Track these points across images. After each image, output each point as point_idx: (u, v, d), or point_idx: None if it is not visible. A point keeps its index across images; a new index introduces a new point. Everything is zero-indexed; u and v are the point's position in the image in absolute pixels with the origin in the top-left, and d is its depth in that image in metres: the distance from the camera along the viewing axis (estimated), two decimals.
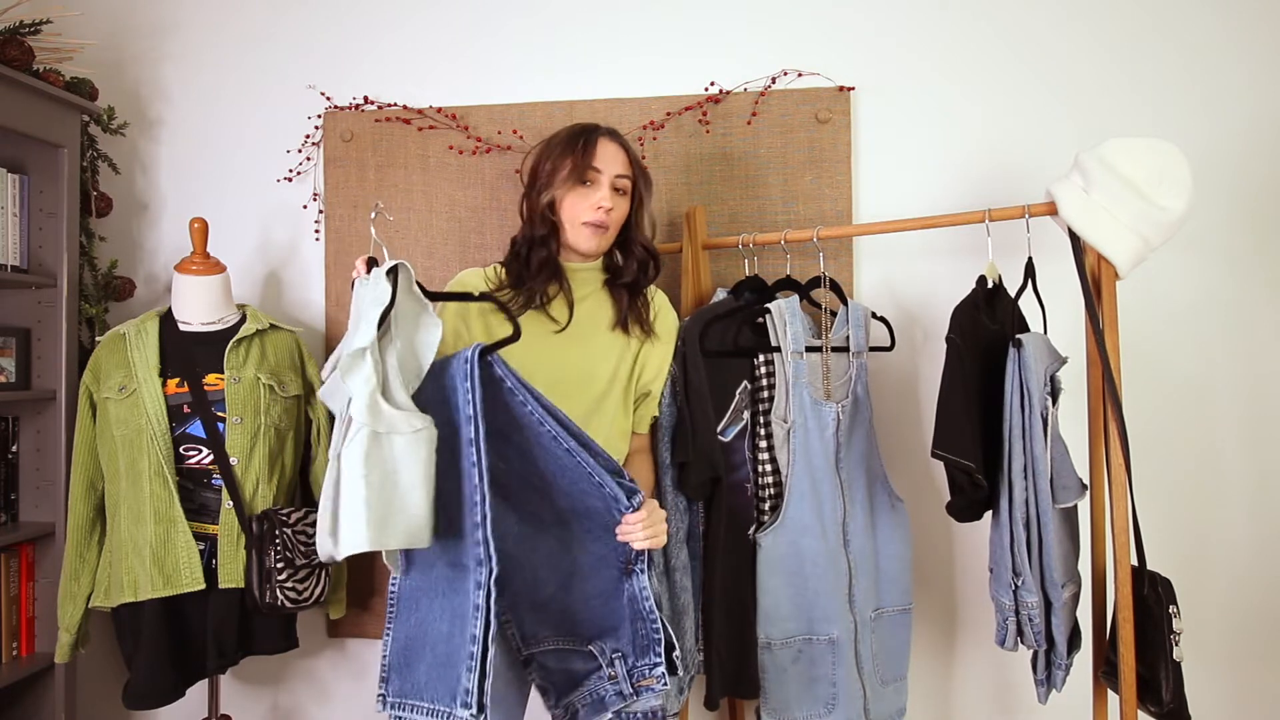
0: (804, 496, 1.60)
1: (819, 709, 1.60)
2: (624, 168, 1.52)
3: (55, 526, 1.90)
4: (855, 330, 1.72)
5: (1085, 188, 1.48)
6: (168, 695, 1.70)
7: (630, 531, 1.30)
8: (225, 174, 2.16)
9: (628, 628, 1.34)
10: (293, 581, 1.70)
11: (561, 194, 1.50)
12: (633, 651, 1.33)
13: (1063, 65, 1.94)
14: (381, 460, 1.19)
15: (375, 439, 1.18)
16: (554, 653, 1.38)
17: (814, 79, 1.99)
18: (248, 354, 1.80)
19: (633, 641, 1.33)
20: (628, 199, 1.54)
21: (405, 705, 1.29)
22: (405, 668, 1.31)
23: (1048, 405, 1.47)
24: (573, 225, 1.51)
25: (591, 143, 1.50)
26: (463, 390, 1.23)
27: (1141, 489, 1.66)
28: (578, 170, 1.49)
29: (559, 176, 1.50)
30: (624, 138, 1.57)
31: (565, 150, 1.51)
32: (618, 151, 1.52)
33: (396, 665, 1.32)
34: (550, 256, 1.52)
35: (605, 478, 1.29)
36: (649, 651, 1.32)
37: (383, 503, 1.18)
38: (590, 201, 1.49)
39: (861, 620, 1.65)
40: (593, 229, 1.50)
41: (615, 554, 1.34)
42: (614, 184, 1.51)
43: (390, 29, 2.12)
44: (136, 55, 2.19)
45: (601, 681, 1.34)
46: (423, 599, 1.32)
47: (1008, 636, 1.51)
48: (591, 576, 1.36)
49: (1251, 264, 1.90)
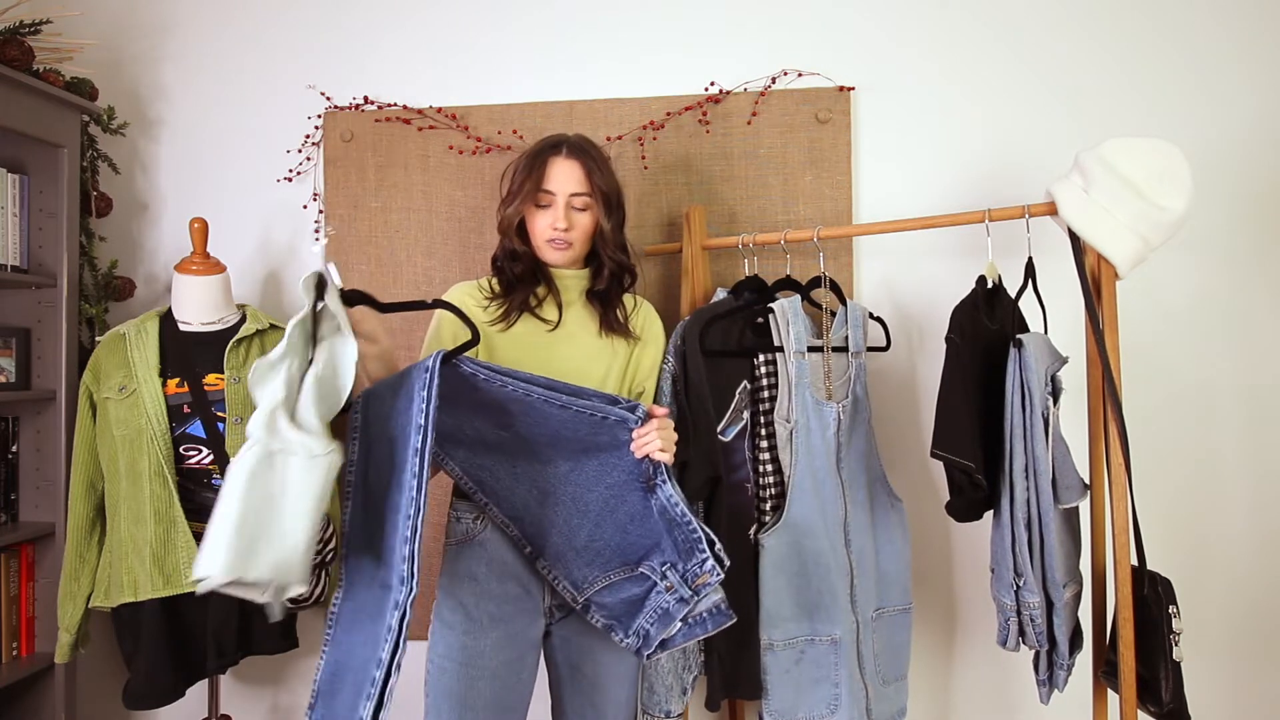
0: (807, 497, 1.60)
1: (822, 709, 1.60)
2: (580, 185, 1.52)
3: (55, 526, 1.90)
4: (854, 330, 1.72)
5: (1085, 187, 1.48)
6: (168, 695, 1.70)
7: (645, 442, 1.33)
8: (225, 174, 2.16)
9: (667, 539, 1.37)
10: None
11: (525, 212, 1.55)
12: (679, 558, 1.36)
13: (1063, 65, 1.94)
14: (267, 482, 1.09)
15: (267, 458, 1.09)
16: (608, 588, 1.42)
17: (814, 79, 1.99)
18: (248, 354, 1.80)
19: (676, 549, 1.36)
20: (590, 213, 1.55)
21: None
22: (330, 695, 1.24)
23: (1049, 405, 1.47)
24: (539, 242, 1.55)
25: (544, 163, 1.53)
26: (418, 400, 1.18)
27: (1141, 489, 1.66)
28: (532, 193, 1.53)
29: (520, 196, 1.54)
30: (588, 154, 1.54)
31: (525, 170, 1.55)
32: (573, 169, 1.53)
33: (324, 692, 1.25)
34: (528, 267, 1.56)
35: (606, 409, 1.31)
36: (694, 552, 1.34)
37: (256, 528, 1.07)
38: (548, 221, 1.53)
39: (863, 620, 1.65)
40: (552, 246, 1.54)
41: (634, 478, 1.37)
42: (570, 203, 1.53)
43: (390, 29, 2.12)
44: (136, 55, 2.19)
45: (661, 595, 1.37)
46: (355, 623, 1.26)
47: (1009, 637, 1.51)
48: (619, 506, 1.40)
49: (1251, 264, 1.90)
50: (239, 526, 1.05)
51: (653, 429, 1.33)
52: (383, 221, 2.09)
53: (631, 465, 1.37)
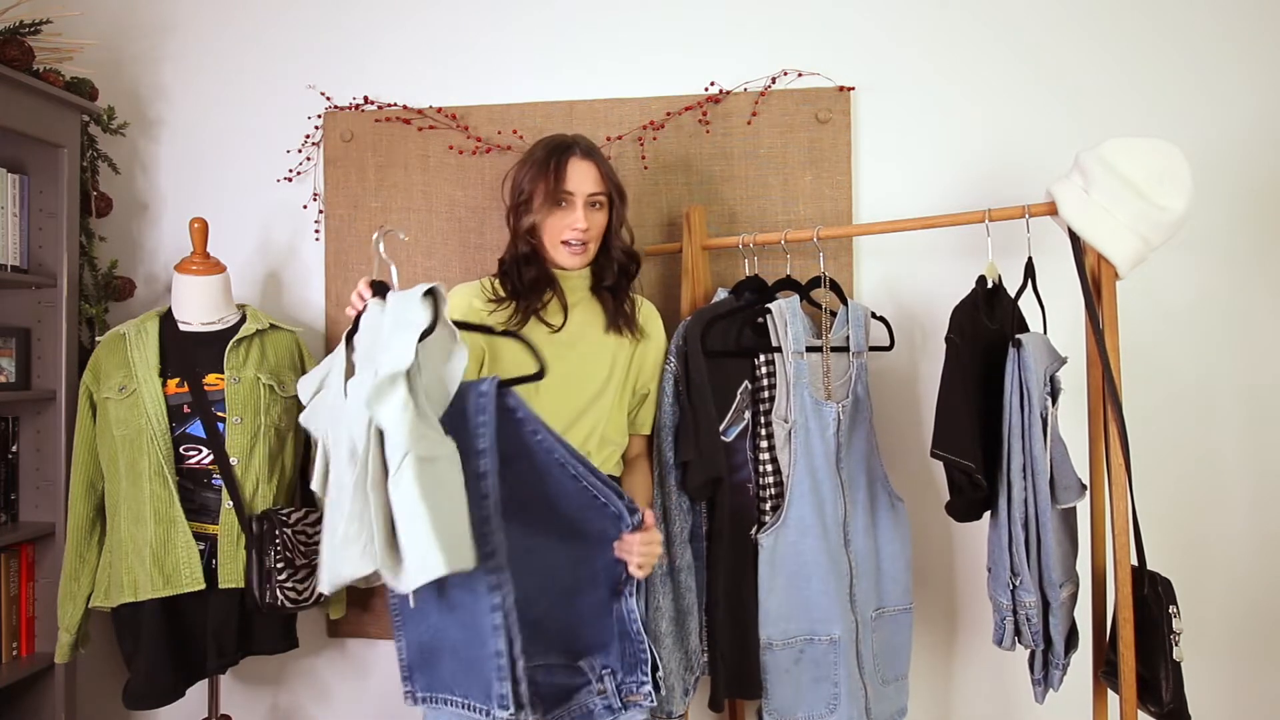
0: (805, 496, 1.60)
1: (821, 709, 1.60)
2: (597, 185, 1.55)
3: (55, 526, 1.90)
4: (855, 330, 1.72)
5: (1085, 187, 1.48)
6: (168, 695, 1.70)
7: (629, 549, 1.34)
8: (225, 174, 2.16)
9: (616, 645, 1.38)
10: (293, 581, 1.70)
11: (540, 218, 1.54)
12: (621, 668, 1.38)
13: (1063, 65, 1.94)
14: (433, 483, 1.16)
15: (423, 464, 1.15)
16: (544, 668, 1.40)
17: (814, 79, 1.99)
18: (248, 354, 1.80)
19: (621, 659, 1.38)
20: (604, 211, 1.58)
21: (437, 699, 1.33)
22: (427, 666, 1.34)
23: (1047, 405, 1.47)
24: (553, 245, 1.55)
25: (563, 165, 1.53)
26: (477, 422, 1.23)
27: (1141, 489, 1.66)
28: (552, 194, 1.52)
29: (536, 201, 1.53)
30: (597, 152, 1.59)
31: (539, 173, 1.54)
32: (589, 169, 1.55)
33: (417, 664, 1.35)
34: (541, 272, 1.57)
35: (610, 497, 1.32)
36: (636, 669, 1.37)
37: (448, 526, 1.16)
38: (567, 223, 1.53)
39: (863, 620, 1.65)
40: (571, 248, 1.54)
41: (607, 575, 1.38)
42: (588, 201, 1.54)
43: (390, 29, 2.12)
44: (136, 55, 2.19)
45: (590, 695, 1.38)
46: (431, 611, 1.32)
47: (1005, 636, 1.51)
48: (584, 595, 1.39)
49: (1251, 264, 1.90)
50: (436, 526, 1.13)
51: (637, 542, 1.33)
52: (383, 221, 2.09)
53: (609, 564, 1.37)
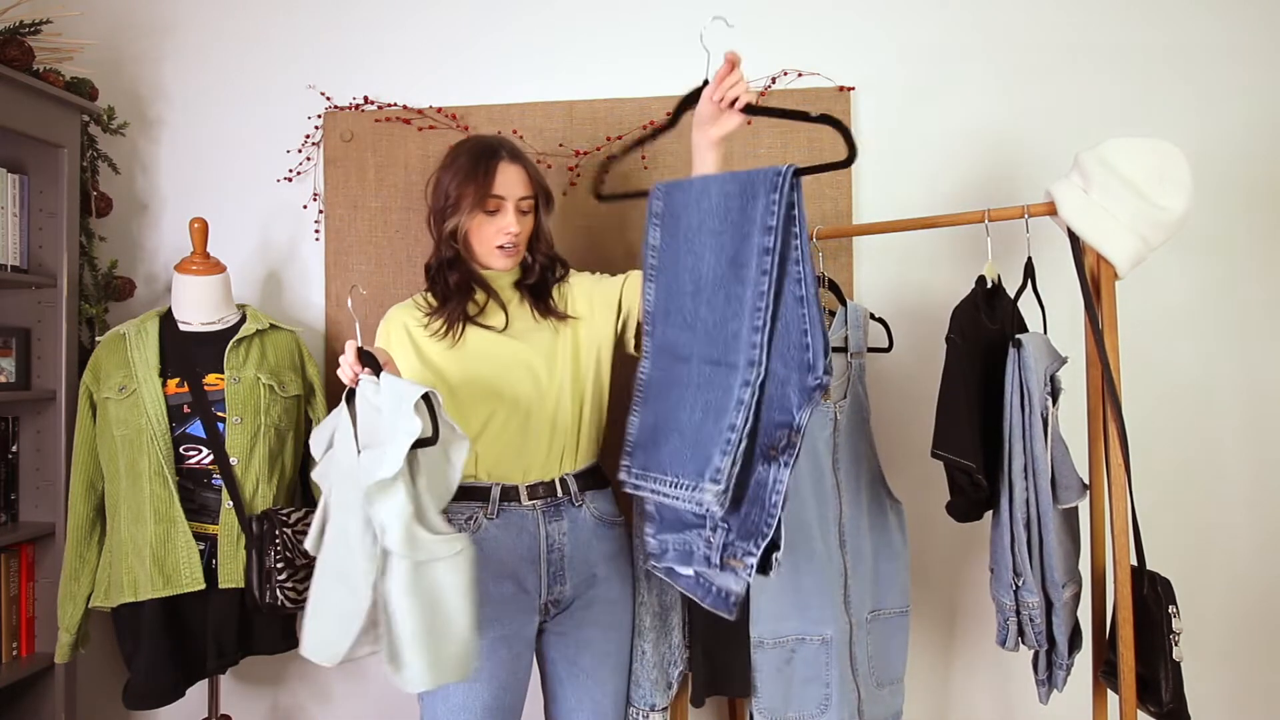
0: (800, 495, 1.60)
1: (812, 709, 1.59)
2: (526, 189, 1.54)
3: (55, 526, 1.90)
4: (854, 330, 1.72)
5: (1085, 188, 1.48)
6: (168, 695, 1.70)
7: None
8: (225, 174, 2.16)
9: (746, 507, 1.28)
10: (293, 581, 1.70)
11: (466, 221, 1.52)
12: (738, 531, 1.29)
13: (1062, 65, 1.94)
14: (427, 590, 1.16)
15: (416, 569, 1.15)
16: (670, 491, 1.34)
17: (814, 79, 1.99)
18: (248, 354, 1.80)
19: (743, 522, 1.28)
20: (532, 215, 1.57)
21: (648, 477, 1.35)
22: (651, 445, 1.36)
23: (1048, 405, 1.47)
24: (484, 249, 1.54)
25: (492, 169, 1.51)
26: (766, 201, 1.26)
27: (1141, 489, 1.66)
28: (479, 198, 1.50)
29: (464, 204, 1.51)
30: (523, 155, 1.58)
31: (467, 178, 1.51)
32: (519, 173, 1.54)
33: (642, 443, 1.38)
34: (464, 275, 1.56)
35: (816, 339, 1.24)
36: (753, 538, 1.25)
37: (436, 635, 1.16)
38: (498, 227, 1.52)
39: (857, 621, 1.65)
40: (503, 251, 1.53)
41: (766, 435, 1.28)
42: (518, 206, 1.53)
43: (390, 29, 2.12)
44: (136, 55, 2.19)
45: (701, 537, 1.32)
46: (674, 389, 1.36)
47: (1009, 637, 1.51)
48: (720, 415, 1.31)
49: (1251, 264, 1.90)
50: (425, 640, 1.14)
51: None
52: (383, 221, 2.09)
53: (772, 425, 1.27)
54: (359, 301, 2.00)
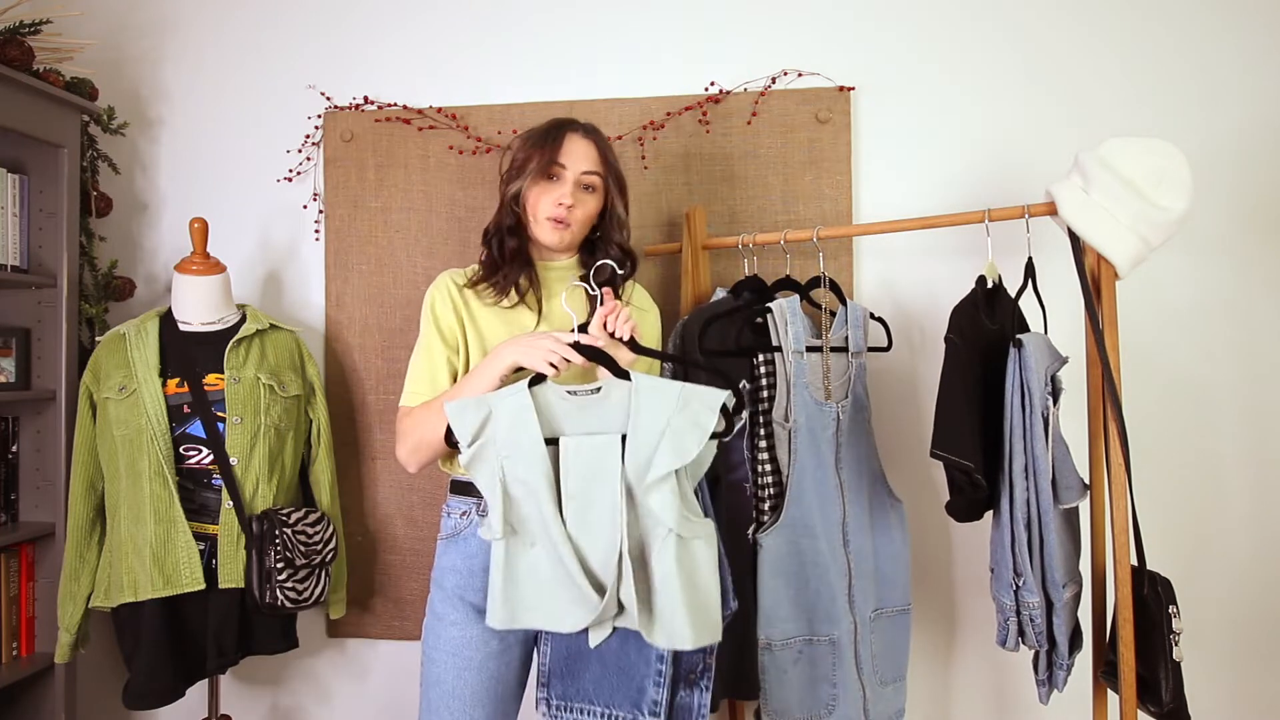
0: (805, 497, 1.60)
1: (819, 710, 1.59)
2: (593, 165, 1.51)
3: (55, 526, 1.90)
4: (854, 330, 1.72)
5: (1085, 188, 1.48)
6: (168, 695, 1.70)
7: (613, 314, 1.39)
8: (225, 174, 2.16)
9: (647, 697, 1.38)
10: (293, 581, 1.70)
11: (528, 186, 1.50)
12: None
13: (1063, 65, 1.94)
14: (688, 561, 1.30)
15: (682, 543, 1.29)
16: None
17: (814, 79, 1.99)
18: (248, 354, 1.80)
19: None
20: (596, 196, 1.53)
21: (572, 708, 1.40)
22: (569, 675, 1.41)
23: (1048, 405, 1.47)
24: (536, 219, 1.51)
25: (560, 137, 1.50)
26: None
27: (1141, 489, 1.66)
28: (543, 164, 1.49)
29: (527, 169, 1.50)
30: (601, 136, 1.56)
31: (537, 143, 1.51)
32: (588, 148, 1.51)
33: (558, 672, 1.43)
34: (520, 246, 1.53)
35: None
36: None
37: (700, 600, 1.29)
38: (553, 196, 1.49)
39: (861, 620, 1.65)
40: (553, 224, 1.49)
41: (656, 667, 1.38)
42: (580, 180, 1.50)
43: (390, 29, 2.12)
44: (136, 55, 2.19)
45: None
46: None
47: (1009, 637, 1.50)
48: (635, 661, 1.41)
49: (1251, 264, 1.90)
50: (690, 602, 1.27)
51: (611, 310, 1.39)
52: (383, 221, 2.09)
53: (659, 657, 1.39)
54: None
